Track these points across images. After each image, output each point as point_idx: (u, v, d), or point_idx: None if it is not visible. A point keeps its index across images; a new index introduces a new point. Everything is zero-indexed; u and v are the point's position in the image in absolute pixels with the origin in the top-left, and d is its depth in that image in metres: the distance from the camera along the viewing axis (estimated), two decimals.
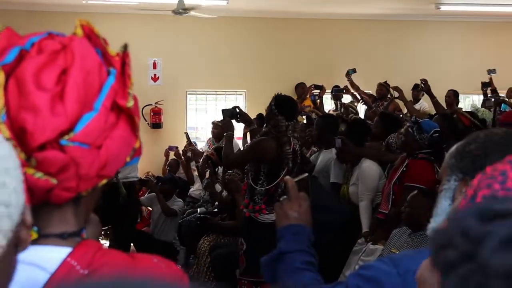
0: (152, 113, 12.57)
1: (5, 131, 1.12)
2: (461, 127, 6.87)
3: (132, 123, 1.24)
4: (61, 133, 1.12)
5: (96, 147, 1.16)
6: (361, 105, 10.72)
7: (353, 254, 5.79)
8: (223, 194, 7.85)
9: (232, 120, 5.96)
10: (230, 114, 5.95)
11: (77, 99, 1.14)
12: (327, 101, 12.08)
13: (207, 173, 8.63)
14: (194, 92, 13.28)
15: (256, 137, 5.78)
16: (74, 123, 1.13)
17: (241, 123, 6.39)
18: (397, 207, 5.40)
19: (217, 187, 8.30)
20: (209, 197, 8.60)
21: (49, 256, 1.18)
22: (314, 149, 7.68)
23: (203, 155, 9.46)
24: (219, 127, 9.45)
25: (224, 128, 6.03)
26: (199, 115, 13.48)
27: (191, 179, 9.95)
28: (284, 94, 5.70)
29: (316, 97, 10.55)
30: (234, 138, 6.45)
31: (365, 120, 8.10)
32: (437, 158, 5.30)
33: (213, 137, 10.60)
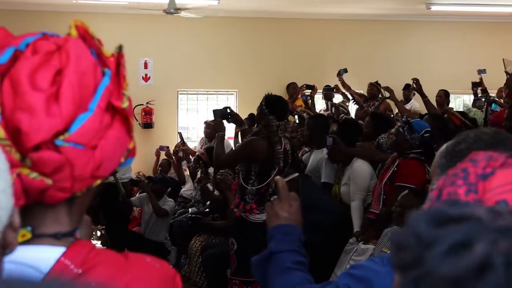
0: (143, 113, 12.54)
1: (0, 131, 1.12)
2: (452, 127, 6.89)
3: (126, 124, 1.24)
4: (56, 133, 1.13)
5: (91, 148, 1.16)
6: (352, 105, 10.73)
7: (345, 253, 5.80)
8: (215, 193, 7.85)
9: (223, 120, 5.97)
10: (221, 114, 5.96)
11: (72, 99, 1.14)
12: (318, 101, 12.09)
13: (198, 173, 8.63)
14: (185, 92, 13.26)
15: (247, 137, 5.79)
16: (69, 124, 1.14)
17: (232, 123, 6.39)
18: (388, 207, 5.41)
19: (209, 187, 8.30)
20: (201, 195, 8.59)
21: (43, 256, 1.18)
22: (305, 149, 7.69)
23: (195, 155, 9.49)
24: (211, 127, 9.46)
25: (215, 128, 6.03)
26: (190, 115, 13.46)
27: (182, 179, 9.93)
28: (275, 94, 5.71)
29: (307, 97, 10.56)
30: (225, 138, 6.45)
31: (356, 120, 8.12)
32: (428, 158, 5.32)
33: (205, 137, 10.58)
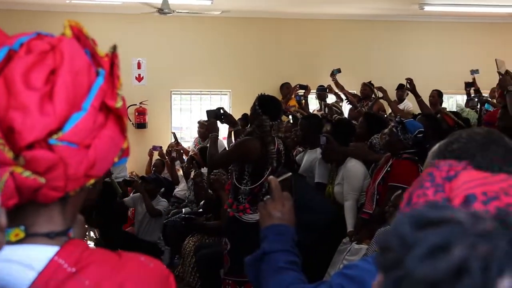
0: (136, 113, 12.54)
1: None
2: (445, 127, 6.90)
3: (120, 124, 1.24)
4: (49, 132, 1.13)
5: (84, 147, 1.17)
6: (345, 105, 10.75)
7: (338, 253, 5.81)
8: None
9: (216, 121, 5.98)
10: (214, 115, 5.97)
11: (66, 99, 1.14)
12: (312, 101, 12.10)
13: (191, 173, 8.63)
14: (178, 92, 13.26)
15: (240, 137, 5.80)
16: (62, 123, 1.14)
17: (226, 124, 6.40)
18: (381, 207, 5.42)
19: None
20: (194, 192, 8.58)
21: (37, 255, 1.18)
22: (299, 149, 7.70)
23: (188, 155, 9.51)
24: (205, 127, 9.48)
25: (208, 129, 6.04)
26: (183, 115, 13.47)
27: (175, 179, 9.93)
28: (268, 94, 5.72)
29: (301, 97, 10.57)
30: (219, 138, 6.46)
31: (350, 120, 8.13)
32: (421, 158, 5.32)
33: (199, 137, 10.60)
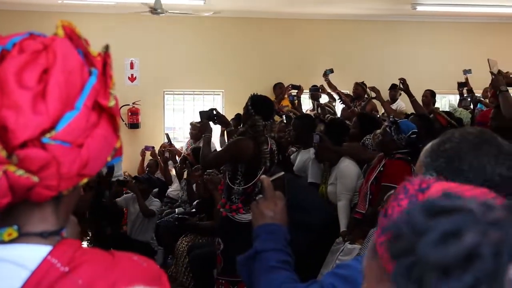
0: (129, 113, 12.53)
1: None
2: (438, 126, 6.92)
3: (113, 123, 1.24)
4: (42, 131, 1.13)
5: (77, 146, 1.17)
6: (338, 105, 10.76)
7: (331, 253, 5.82)
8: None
9: (209, 122, 6.00)
10: (207, 116, 6.00)
11: (59, 98, 1.14)
12: (305, 101, 12.11)
13: (184, 174, 8.64)
14: (171, 92, 13.26)
15: (233, 137, 5.81)
16: (55, 122, 1.14)
17: (218, 125, 6.41)
18: (374, 206, 5.42)
19: (195, 187, 8.31)
20: (187, 192, 8.59)
21: (30, 254, 1.19)
22: (292, 149, 7.71)
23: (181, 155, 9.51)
24: (197, 128, 9.50)
25: (201, 129, 6.05)
26: (176, 115, 13.47)
27: (169, 180, 9.94)
28: (260, 94, 5.74)
29: (294, 97, 10.58)
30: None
31: (343, 120, 8.13)
32: (414, 158, 5.33)
33: (191, 138, 10.60)
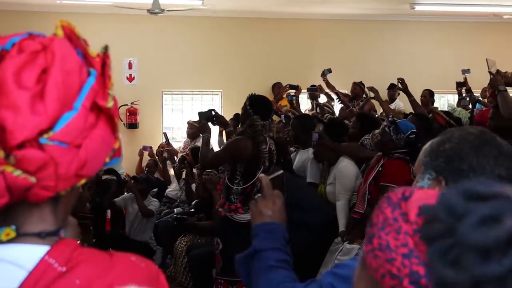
0: (128, 113, 12.54)
1: None
2: (436, 126, 6.92)
3: (111, 124, 1.24)
4: (40, 131, 1.13)
5: (75, 147, 1.17)
6: (337, 105, 10.75)
7: (330, 253, 5.82)
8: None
9: (208, 122, 6.01)
10: (206, 117, 6.02)
11: (57, 98, 1.14)
12: (303, 101, 12.10)
13: (183, 174, 8.64)
14: (170, 92, 13.26)
15: (232, 137, 5.82)
16: (53, 122, 1.14)
17: (217, 125, 6.42)
18: (372, 206, 5.43)
19: (194, 187, 8.31)
20: (186, 192, 8.59)
21: (27, 254, 1.18)
22: (291, 149, 7.71)
23: (179, 155, 9.51)
24: (194, 127, 9.52)
25: (200, 130, 6.06)
26: (175, 115, 13.47)
27: (167, 180, 9.93)
28: (258, 94, 5.75)
29: (293, 97, 10.57)
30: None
31: (342, 119, 8.14)
32: (413, 158, 5.32)
33: (188, 137, 10.61)
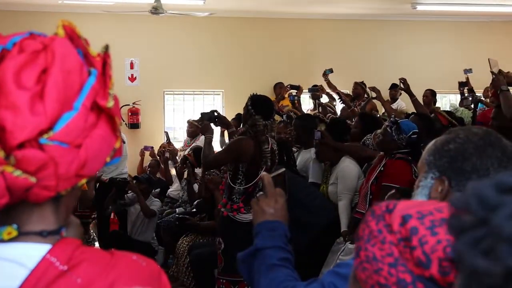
0: (129, 113, 12.54)
1: None
2: (438, 126, 6.92)
3: (112, 123, 1.24)
4: (40, 132, 1.13)
5: (75, 147, 1.17)
6: (338, 105, 10.74)
7: (332, 253, 5.82)
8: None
9: (210, 123, 6.03)
10: (208, 117, 6.04)
11: (57, 98, 1.14)
12: (304, 101, 12.10)
13: (185, 173, 8.64)
14: (171, 92, 13.27)
15: (234, 137, 5.83)
16: (53, 122, 1.14)
17: (220, 126, 6.43)
18: None
19: (195, 187, 8.31)
20: (188, 192, 8.59)
21: (29, 253, 1.19)
22: (293, 149, 7.70)
23: (179, 153, 9.52)
24: (194, 126, 9.54)
25: (203, 130, 6.07)
26: (176, 115, 13.46)
27: (169, 179, 9.94)
28: (260, 94, 5.75)
29: (294, 97, 10.56)
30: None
31: (344, 119, 8.13)
32: (415, 158, 5.32)
33: (188, 136, 10.61)
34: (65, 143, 1.15)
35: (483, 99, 10.29)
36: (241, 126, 6.00)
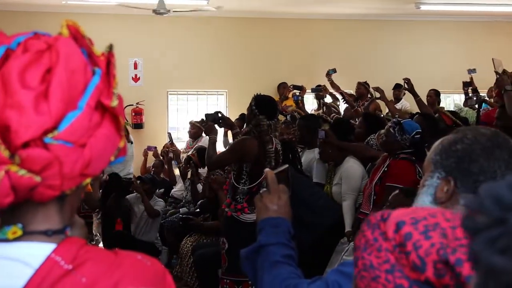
0: (133, 114, 12.56)
1: None
2: (442, 126, 6.91)
3: (116, 123, 1.24)
4: (45, 131, 1.13)
5: (80, 146, 1.17)
6: (342, 104, 10.73)
7: (336, 253, 5.81)
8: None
9: (214, 124, 6.03)
10: (212, 119, 6.04)
11: (62, 98, 1.14)
12: (308, 101, 12.09)
13: (189, 174, 8.64)
14: (175, 92, 13.27)
15: (238, 137, 5.84)
16: (58, 122, 1.14)
17: (223, 127, 6.44)
18: (378, 207, 5.41)
19: (199, 188, 8.32)
20: (191, 192, 8.59)
21: (34, 252, 1.19)
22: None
23: (181, 155, 9.53)
24: (196, 127, 9.55)
25: (207, 131, 6.08)
26: (180, 116, 13.47)
27: (173, 180, 9.94)
28: (263, 94, 5.75)
29: (298, 97, 10.56)
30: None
31: (348, 119, 8.12)
32: (419, 158, 5.32)
33: (190, 137, 10.62)
34: (69, 142, 1.15)
35: (487, 99, 10.28)
36: (245, 126, 6.00)
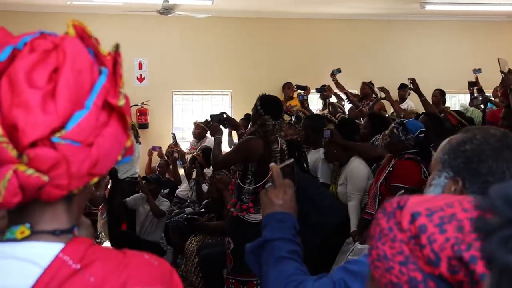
0: (138, 114, 12.57)
1: None
2: (448, 126, 6.90)
3: (123, 122, 1.24)
4: (52, 130, 1.13)
5: (87, 145, 1.17)
6: (346, 104, 10.73)
7: (341, 253, 5.81)
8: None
9: (220, 124, 6.03)
10: (217, 119, 6.04)
11: (69, 97, 1.15)
12: (312, 101, 12.09)
13: (193, 174, 8.64)
14: (180, 92, 13.29)
15: (243, 137, 5.84)
16: (65, 121, 1.14)
17: (228, 128, 6.44)
18: None
19: (204, 188, 8.32)
20: (196, 192, 8.59)
21: (42, 251, 1.20)
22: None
23: (186, 156, 9.54)
24: (200, 127, 9.56)
25: (212, 132, 6.08)
26: (185, 116, 13.48)
27: (177, 180, 9.95)
28: (268, 94, 5.75)
29: (303, 97, 10.55)
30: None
31: (353, 119, 8.11)
32: (424, 158, 5.31)
33: (194, 137, 10.63)
34: (77, 141, 1.15)
35: (493, 98, 10.27)
36: (250, 126, 6.00)
